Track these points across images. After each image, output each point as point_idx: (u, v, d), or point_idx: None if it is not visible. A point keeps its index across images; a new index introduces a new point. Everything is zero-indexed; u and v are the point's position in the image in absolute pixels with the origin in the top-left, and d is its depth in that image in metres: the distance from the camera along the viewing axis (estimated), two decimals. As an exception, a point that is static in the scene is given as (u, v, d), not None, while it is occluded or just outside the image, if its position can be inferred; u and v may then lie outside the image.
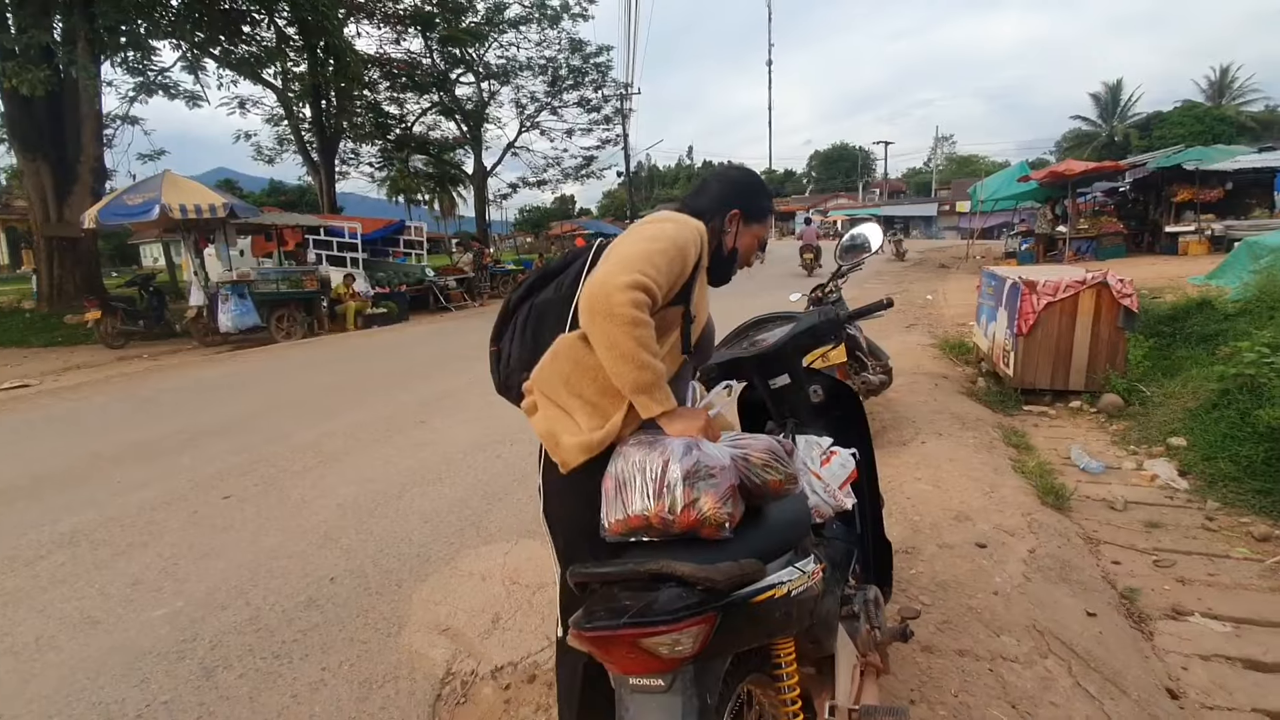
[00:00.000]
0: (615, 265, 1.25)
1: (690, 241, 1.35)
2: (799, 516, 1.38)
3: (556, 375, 1.34)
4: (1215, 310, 5.83)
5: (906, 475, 3.64)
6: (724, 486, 1.16)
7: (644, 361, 1.22)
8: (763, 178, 1.68)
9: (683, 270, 1.33)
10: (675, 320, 1.39)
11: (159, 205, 9.20)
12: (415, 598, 2.59)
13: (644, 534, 1.16)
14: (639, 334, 1.20)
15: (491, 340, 1.54)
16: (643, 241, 1.31)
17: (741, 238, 1.58)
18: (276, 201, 35.98)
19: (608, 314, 1.20)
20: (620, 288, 1.20)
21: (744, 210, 1.55)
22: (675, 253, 1.31)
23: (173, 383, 7.62)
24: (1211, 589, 2.68)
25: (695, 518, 1.13)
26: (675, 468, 1.15)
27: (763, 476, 1.24)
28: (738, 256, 1.59)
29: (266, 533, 3.25)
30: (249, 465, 4.27)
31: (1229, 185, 14.66)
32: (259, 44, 16.90)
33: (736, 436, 1.32)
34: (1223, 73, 43.01)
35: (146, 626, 2.51)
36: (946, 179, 57.56)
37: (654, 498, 1.14)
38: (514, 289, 1.56)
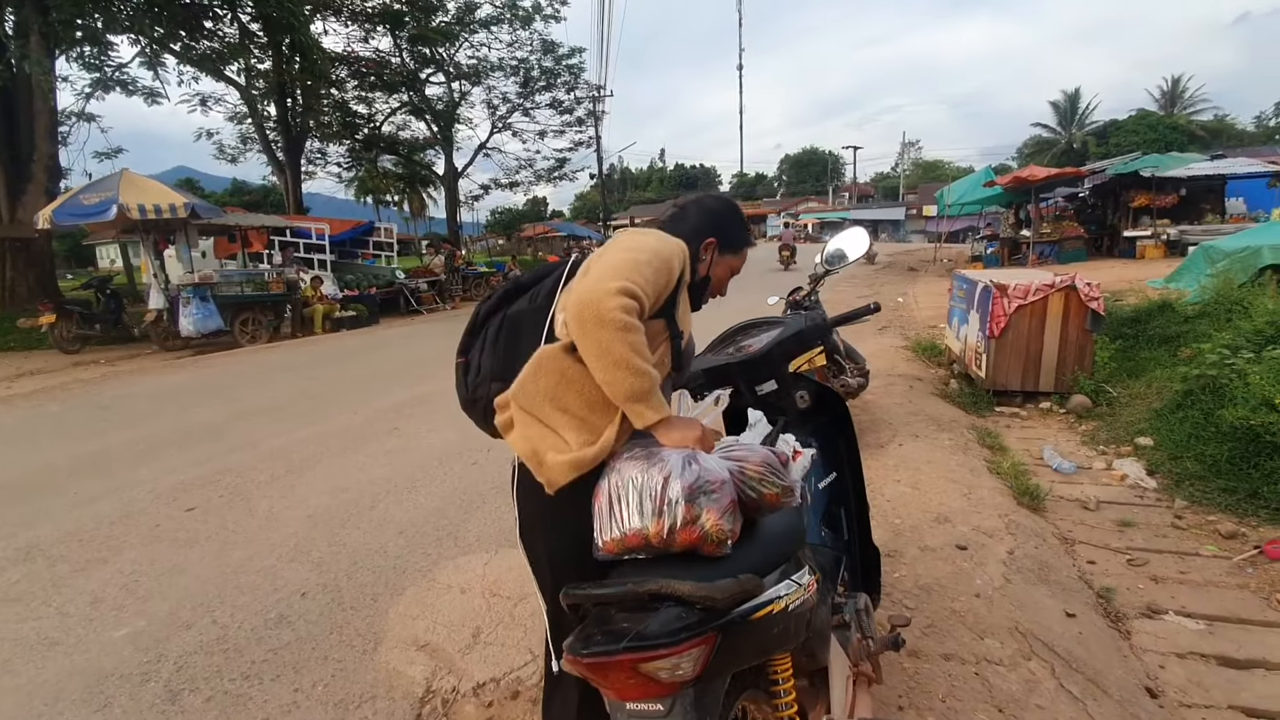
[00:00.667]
0: (603, 273, 1.22)
1: (674, 255, 1.33)
2: (793, 527, 1.35)
3: (540, 390, 1.27)
4: (1175, 312, 6.01)
5: (886, 477, 3.66)
6: (725, 501, 1.13)
7: (638, 367, 1.18)
8: (740, 209, 1.67)
9: (668, 282, 1.30)
10: (659, 333, 1.35)
11: (116, 205, 8.86)
12: (392, 612, 2.51)
13: (641, 552, 1.12)
14: (632, 339, 1.17)
15: (459, 352, 1.47)
16: (628, 252, 1.28)
17: (716, 266, 1.56)
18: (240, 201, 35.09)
19: (599, 320, 1.16)
20: (610, 293, 1.17)
21: (720, 240, 1.53)
22: (660, 264, 1.29)
23: (131, 389, 7.34)
24: (1183, 587, 2.74)
25: (697, 535, 1.09)
26: (676, 484, 1.10)
27: (759, 490, 1.20)
28: (709, 285, 1.57)
29: (233, 546, 3.13)
30: (213, 475, 4.11)
31: (1183, 191, 15.19)
32: (221, 40, 16.44)
33: (730, 446, 1.28)
34: (1174, 83, 44.67)
35: (108, 647, 2.38)
36: (914, 183, 58.67)
37: (654, 515, 1.10)
38: (484, 299, 1.50)
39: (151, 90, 15.78)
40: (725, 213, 1.58)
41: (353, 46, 22.06)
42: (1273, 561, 2.84)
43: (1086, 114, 46.19)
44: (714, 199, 1.62)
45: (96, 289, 11.26)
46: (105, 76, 14.81)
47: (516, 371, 1.32)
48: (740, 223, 1.61)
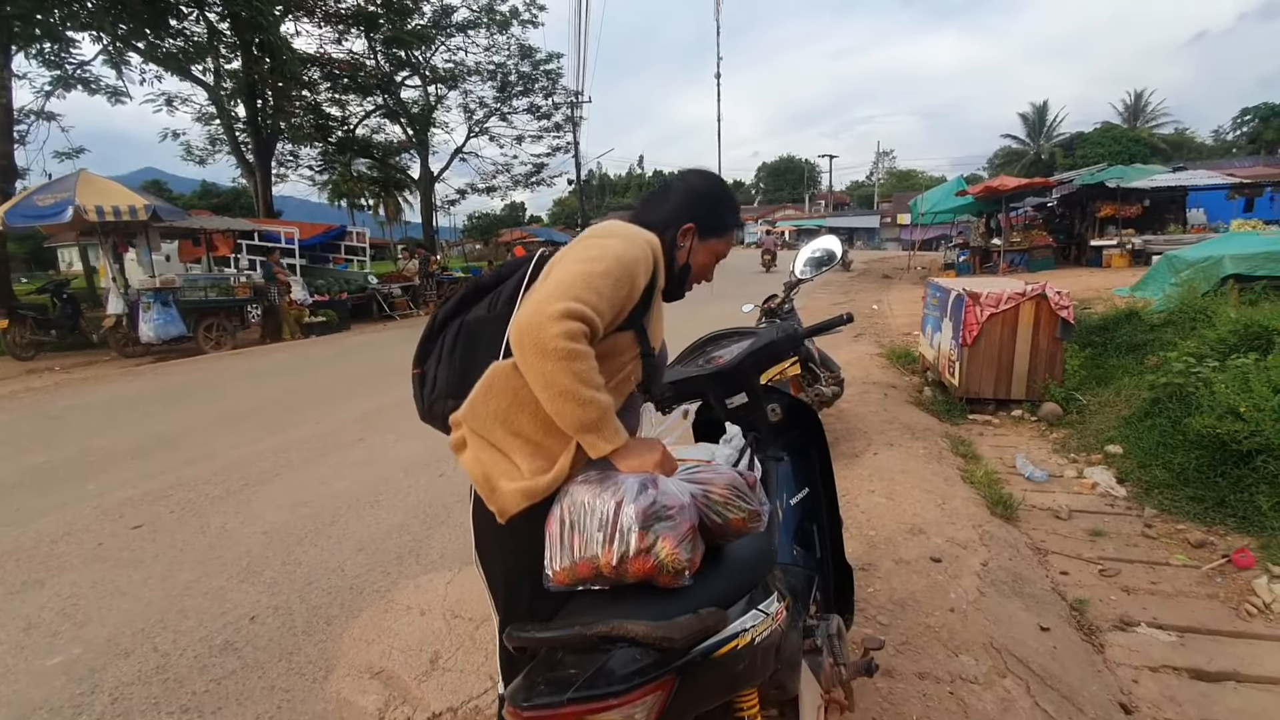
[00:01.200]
0: (549, 292, 1.10)
1: (639, 259, 1.20)
2: (762, 552, 1.28)
3: (491, 411, 1.18)
4: (1142, 321, 6.11)
5: (861, 488, 3.62)
6: (683, 528, 1.05)
7: (586, 398, 1.07)
8: (729, 187, 1.51)
9: (630, 292, 1.18)
10: (625, 347, 1.25)
11: (72, 206, 8.55)
12: (346, 636, 2.38)
13: (593, 583, 1.04)
14: (576, 368, 1.06)
15: (415, 362, 1.36)
16: (582, 263, 1.16)
17: (696, 254, 1.42)
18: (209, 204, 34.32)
19: (539, 349, 1.05)
20: (552, 318, 1.05)
21: (700, 224, 1.40)
22: (620, 273, 1.16)
23: (85, 398, 7.05)
24: (1155, 597, 2.73)
25: (651, 565, 1.01)
26: (629, 509, 1.02)
27: (724, 514, 1.13)
28: (690, 273, 1.44)
29: (181, 567, 2.97)
30: (165, 490, 3.93)
31: (1147, 202, 15.59)
32: (188, 38, 16.05)
33: (695, 468, 1.21)
34: (1137, 97, 46.04)
35: (39, 677, 2.22)
36: (888, 192, 59.63)
37: (605, 543, 1.02)
38: (442, 302, 1.37)
39: (115, 89, 15.33)
40: (709, 193, 1.44)
41: (325, 48, 21.73)
42: (1241, 570, 2.85)
43: (1054, 126, 47.43)
44: (699, 176, 1.48)
45: (52, 293, 10.87)
46: (66, 74, 14.34)
47: (472, 386, 1.22)
48: (725, 203, 1.46)
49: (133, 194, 9.54)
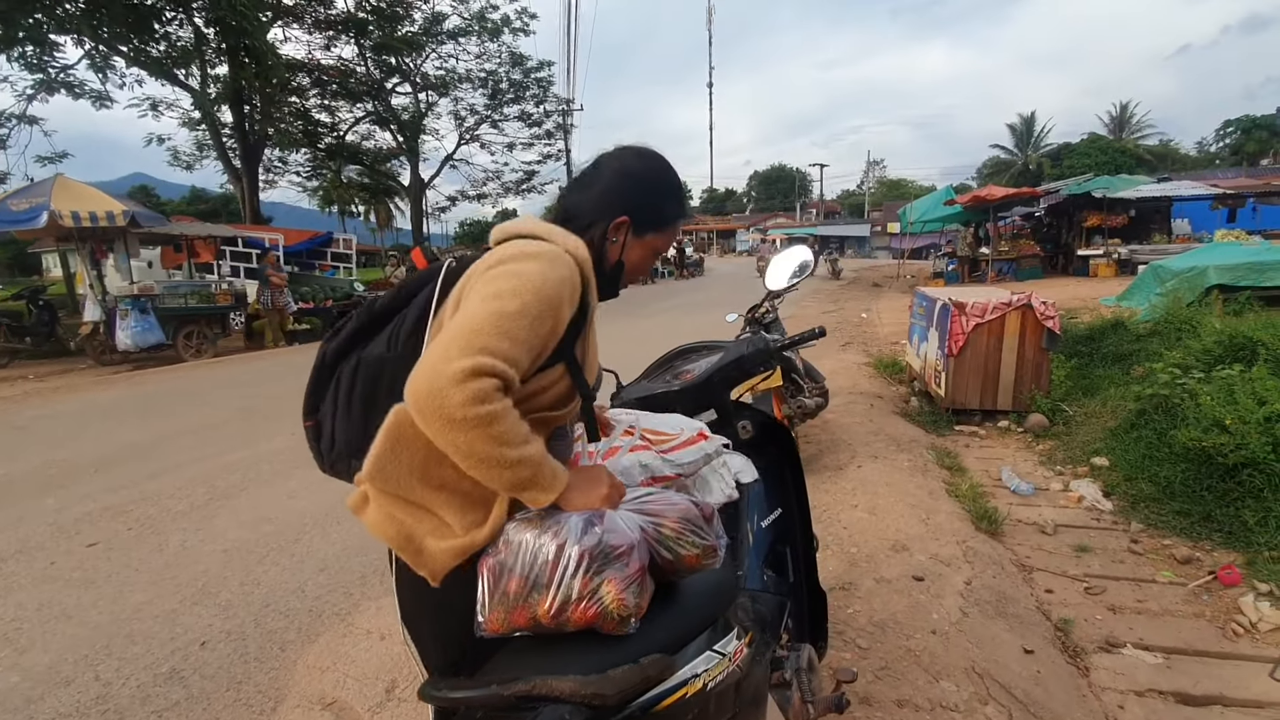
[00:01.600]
0: (450, 343, 0.91)
1: (562, 286, 1.00)
2: (720, 587, 1.18)
3: (404, 468, 1.00)
4: (1128, 331, 6.09)
5: (844, 502, 3.54)
6: (631, 569, 0.94)
7: (512, 459, 0.92)
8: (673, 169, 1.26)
9: (554, 327, 1.00)
10: (554, 382, 1.08)
11: (47, 211, 8.38)
12: (300, 663, 2.27)
13: (530, 631, 0.94)
14: (494, 433, 0.90)
15: (305, 411, 1.14)
16: (491, 300, 0.95)
17: (631, 250, 1.20)
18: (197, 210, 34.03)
19: (445, 420, 0.88)
20: (454, 381, 0.87)
21: (636, 216, 1.17)
22: (539, 309, 0.97)
23: (55, 408, 6.88)
24: (1141, 616, 2.66)
25: (595, 612, 0.91)
26: (572, 551, 0.92)
27: (675, 550, 1.03)
28: (623, 272, 1.22)
29: (133, 588, 2.84)
30: (125, 505, 3.79)
31: (1132, 212, 15.72)
32: (172, 43, 15.91)
33: (646, 496, 1.11)
34: (1123, 109, 46.73)
35: (-32, 710, 2.10)
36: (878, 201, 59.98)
37: (544, 589, 0.91)
38: (330, 333, 1.15)
39: (100, 93, 15.17)
40: (646, 178, 1.20)
41: (315, 54, 21.63)
42: (1227, 588, 2.79)
43: (1041, 136, 48.00)
44: (636, 156, 1.22)
45: (28, 299, 10.66)
46: (49, 78, 14.18)
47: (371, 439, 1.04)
48: (666, 190, 1.22)
49: (110, 199, 9.38)
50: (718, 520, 1.13)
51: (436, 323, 1.07)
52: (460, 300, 1.03)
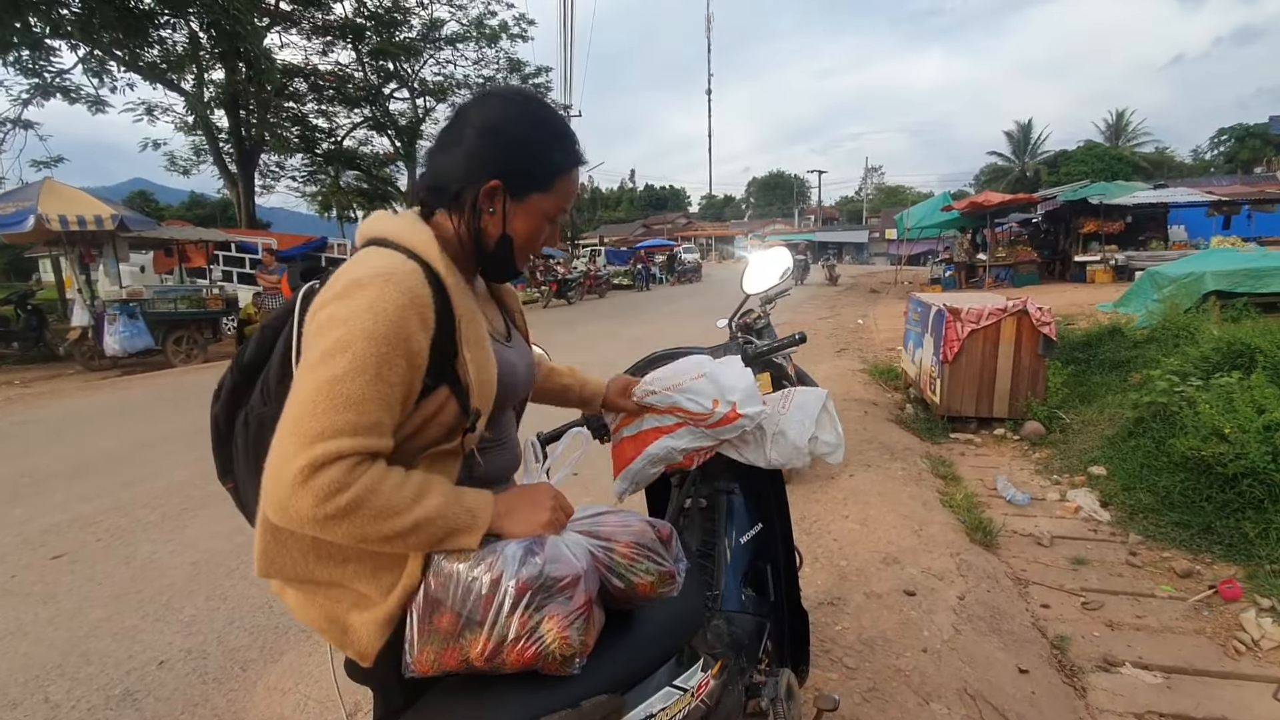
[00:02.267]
0: (285, 438, 0.78)
1: (400, 314, 0.82)
2: (684, 613, 1.09)
3: (296, 554, 0.89)
4: (1125, 337, 6.02)
5: (834, 513, 3.45)
6: (577, 603, 0.84)
7: (406, 527, 0.81)
8: (549, 106, 1.06)
9: (409, 365, 0.84)
10: (439, 407, 0.91)
11: (34, 215, 8.29)
12: (260, 684, 2.16)
13: (463, 672, 0.84)
14: (369, 514, 0.78)
15: (220, 475, 1.05)
16: (318, 366, 0.79)
17: (514, 219, 0.99)
18: (195, 215, 33.97)
19: (311, 525, 0.77)
20: (297, 484, 0.75)
21: (509, 179, 0.96)
22: (379, 355, 0.80)
23: (37, 413, 6.77)
24: (1140, 633, 2.56)
25: (534, 653, 0.81)
26: (509, 584, 0.82)
27: (628, 578, 0.93)
28: (512, 247, 1.01)
29: (95, 603, 2.73)
30: (96, 515, 3.68)
31: (1129, 218, 15.70)
32: (168, 48, 15.87)
33: (598, 515, 1.01)
34: (1119, 116, 46.88)
35: (-94, 735, 2.00)
36: (877, 207, 60.15)
37: (476, 627, 0.81)
38: (215, 396, 1.03)
39: (97, 98, 15.10)
40: (515, 131, 0.97)
41: (311, 59, 21.62)
42: (1228, 603, 2.70)
43: (1038, 144, 48.13)
44: (501, 103, 1.00)
45: (16, 304, 10.57)
46: (45, 82, 14.12)
47: None
48: (543, 139, 1.00)
49: (99, 203, 9.29)
50: (676, 542, 1.03)
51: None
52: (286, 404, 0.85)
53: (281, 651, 2.35)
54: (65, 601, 2.76)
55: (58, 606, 2.71)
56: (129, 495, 3.99)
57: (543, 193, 1.00)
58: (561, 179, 1.01)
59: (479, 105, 1.01)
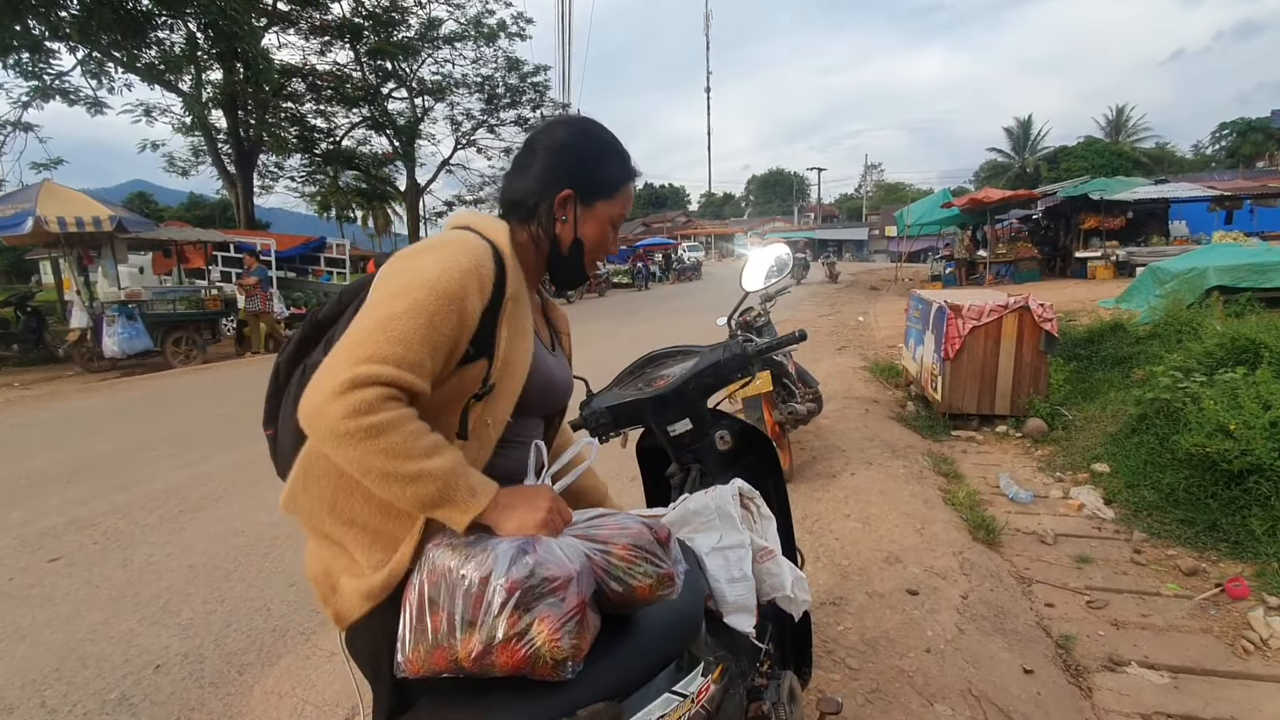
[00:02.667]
0: (336, 355, 0.87)
1: (464, 277, 0.92)
2: (683, 617, 1.07)
3: (314, 501, 0.96)
4: (1127, 333, 5.99)
5: (836, 512, 3.43)
6: (568, 605, 0.82)
7: (412, 473, 0.85)
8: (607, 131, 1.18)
9: (460, 320, 0.92)
10: (476, 378, 0.98)
11: (32, 217, 8.27)
12: (258, 689, 2.14)
13: (452, 674, 0.82)
14: (385, 444, 0.83)
15: (265, 419, 1.11)
16: (379, 305, 0.90)
17: (584, 224, 1.11)
18: (194, 216, 33.93)
19: (328, 435, 0.83)
20: (334, 393, 0.82)
21: (580, 187, 1.10)
22: (436, 304, 0.89)
23: (35, 415, 6.75)
24: (1146, 632, 2.54)
25: (524, 655, 0.79)
26: (498, 583, 0.80)
27: (627, 581, 0.92)
28: (583, 250, 1.13)
29: (92, 606, 2.71)
30: (93, 517, 3.66)
31: (1130, 214, 15.65)
32: (165, 49, 15.83)
33: (595, 518, 0.99)
34: (1119, 112, 46.79)
35: (-100, 742, 1.98)
36: (876, 205, 60.07)
37: (466, 626, 0.79)
38: (282, 348, 1.12)
39: (96, 100, 15.07)
40: (581, 146, 1.12)
41: (309, 59, 21.58)
42: (1235, 601, 2.67)
43: (1038, 140, 48.00)
44: (566, 127, 1.15)
45: (15, 306, 10.54)
46: (44, 85, 14.09)
47: None
48: (605, 154, 1.14)
49: (97, 204, 9.27)
50: (675, 544, 1.01)
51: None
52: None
53: (279, 655, 2.33)
54: (62, 605, 2.74)
55: (55, 610, 2.70)
56: (127, 498, 3.97)
57: (608, 200, 1.13)
58: (622, 187, 1.15)
59: (548, 130, 1.16)
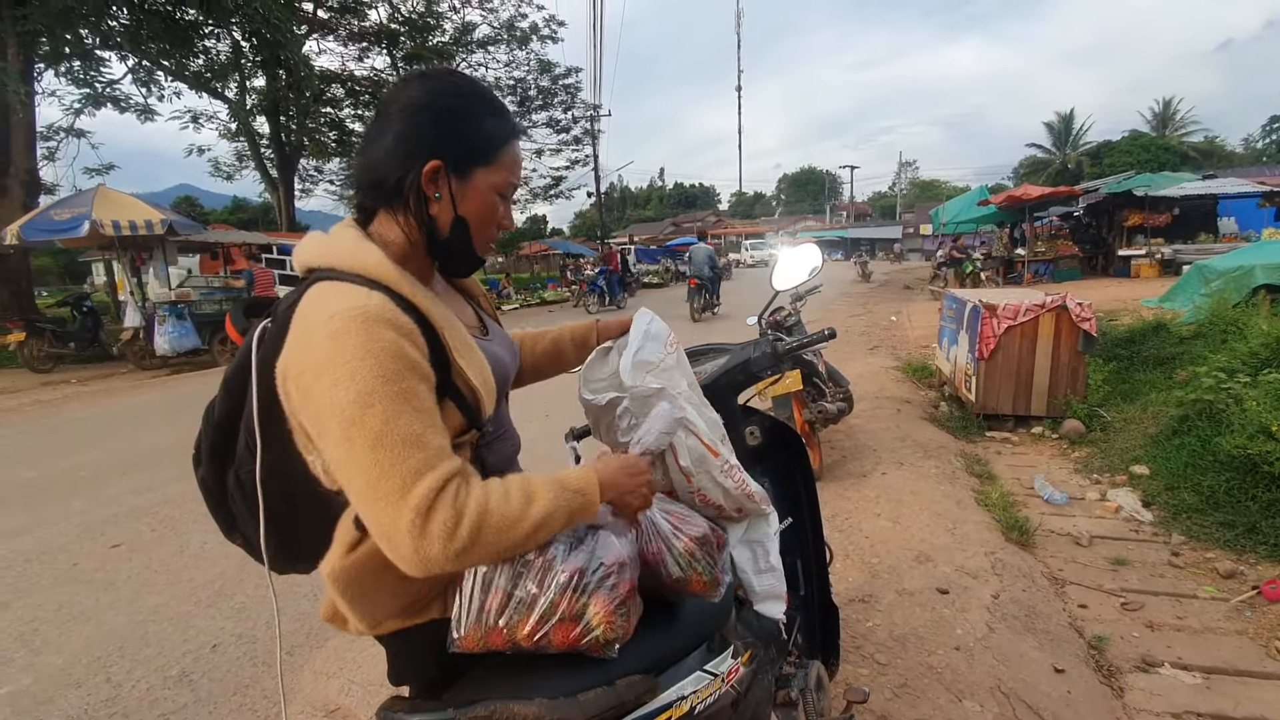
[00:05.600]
0: (374, 510, 0.76)
1: (396, 348, 0.79)
2: (715, 602, 1.12)
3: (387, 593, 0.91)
4: (1170, 333, 5.84)
5: (866, 510, 3.43)
6: (622, 590, 0.88)
7: (531, 530, 0.81)
8: (472, 81, 1.00)
9: (429, 387, 0.83)
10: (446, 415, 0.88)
11: (89, 221, 8.68)
12: (307, 669, 2.26)
13: (507, 651, 0.88)
14: (492, 534, 0.78)
15: (225, 533, 1.03)
16: (353, 430, 0.76)
17: (464, 200, 0.93)
18: (238, 220, 35.05)
19: (446, 566, 0.76)
20: (414, 538, 0.74)
21: (449, 155, 0.91)
22: (402, 395, 0.77)
23: (92, 410, 7.09)
24: (1181, 634, 2.51)
25: (578, 634, 0.85)
26: (560, 566, 0.86)
27: (685, 571, 0.98)
28: (469, 229, 0.95)
29: (151, 589, 2.87)
30: (150, 507, 3.86)
31: (1176, 211, 15.14)
32: (212, 57, 16.41)
33: (668, 504, 1.06)
34: (1165, 105, 45.20)
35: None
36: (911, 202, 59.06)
37: (526, 608, 0.85)
38: (194, 460, 0.99)
39: (145, 107, 15.69)
40: (442, 105, 0.92)
41: (348, 65, 22.14)
42: (1271, 604, 2.62)
43: (1080, 135, 46.67)
44: (420, 83, 0.95)
45: (73, 306, 11.04)
46: (96, 92, 14.72)
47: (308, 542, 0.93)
48: (474, 109, 0.94)
49: (149, 209, 9.68)
50: (727, 555, 1.07)
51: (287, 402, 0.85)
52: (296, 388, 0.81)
53: (326, 638, 2.45)
54: (124, 588, 2.90)
55: (117, 593, 2.86)
56: (179, 489, 4.16)
57: (487, 166, 0.94)
58: (503, 150, 0.96)
59: (400, 88, 0.96)
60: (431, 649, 0.93)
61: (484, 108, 0.95)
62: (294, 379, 0.81)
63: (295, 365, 0.81)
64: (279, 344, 0.84)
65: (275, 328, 0.87)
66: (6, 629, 2.60)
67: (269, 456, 0.88)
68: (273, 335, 0.86)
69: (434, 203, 0.92)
